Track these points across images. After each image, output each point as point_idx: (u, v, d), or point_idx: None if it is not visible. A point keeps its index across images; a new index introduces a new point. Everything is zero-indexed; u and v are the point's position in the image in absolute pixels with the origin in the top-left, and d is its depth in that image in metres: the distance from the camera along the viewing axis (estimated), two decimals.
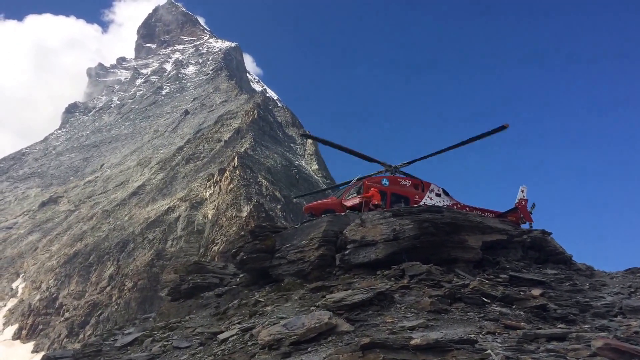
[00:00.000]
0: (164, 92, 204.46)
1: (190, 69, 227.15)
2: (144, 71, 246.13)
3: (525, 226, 23.52)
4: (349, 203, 21.58)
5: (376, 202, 20.93)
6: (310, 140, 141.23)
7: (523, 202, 25.16)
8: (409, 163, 23.87)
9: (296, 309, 12.99)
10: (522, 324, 10.50)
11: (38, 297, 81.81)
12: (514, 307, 12.07)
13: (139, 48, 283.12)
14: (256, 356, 9.97)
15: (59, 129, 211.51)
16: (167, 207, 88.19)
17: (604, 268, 20.74)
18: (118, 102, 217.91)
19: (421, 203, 22.22)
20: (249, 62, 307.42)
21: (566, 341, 8.99)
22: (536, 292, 13.53)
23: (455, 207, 22.79)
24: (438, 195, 23.58)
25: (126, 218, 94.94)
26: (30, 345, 72.98)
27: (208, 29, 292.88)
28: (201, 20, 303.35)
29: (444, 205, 22.39)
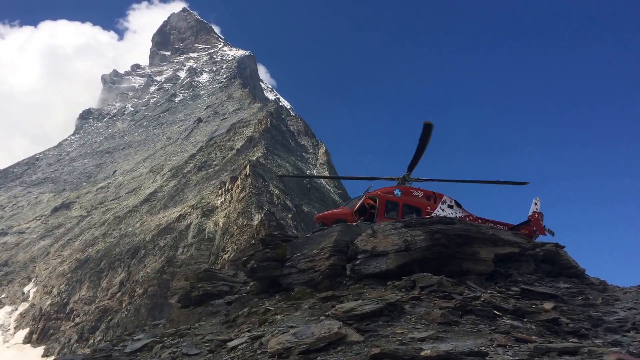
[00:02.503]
0: (177, 99, 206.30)
1: (204, 77, 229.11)
2: (157, 78, 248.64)
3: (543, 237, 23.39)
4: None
5: (370, 203, 21.79)
6: (322, 150, 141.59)
7: (536, 215, 24.88)
8: (420, 180, 23.89)
9: (306, 318, 12.98)
10: (534, 337, 10.40)
11: (49, 301, 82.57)
12: (525, 320, 11.97)
13: (153, 55, 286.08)
14: None
15: (73, 134, 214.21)
16: (178, 214, 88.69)
17: (617, 283, 20.46)
18: (131, 109, 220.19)
19: (433, 214, 22.12)
20: (262, 73, 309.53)
21: (578, 355, 8.91)
22: (548, 305, 13.38)
23: (467, 219, 22.63)
24: (450, 206, 23.45)
25: (137, 225, 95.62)
26: (40, 349, 73.66)
27: (222, 37, 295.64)
28: (216, 30, 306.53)
29: (456, 217, 22.25)
